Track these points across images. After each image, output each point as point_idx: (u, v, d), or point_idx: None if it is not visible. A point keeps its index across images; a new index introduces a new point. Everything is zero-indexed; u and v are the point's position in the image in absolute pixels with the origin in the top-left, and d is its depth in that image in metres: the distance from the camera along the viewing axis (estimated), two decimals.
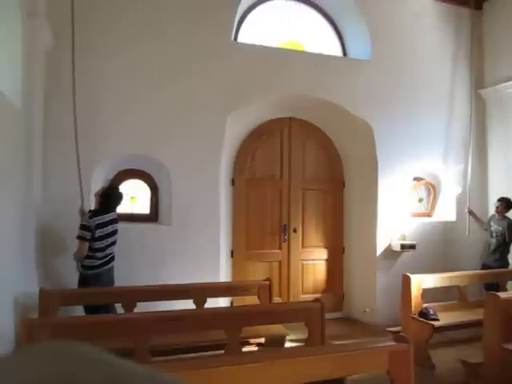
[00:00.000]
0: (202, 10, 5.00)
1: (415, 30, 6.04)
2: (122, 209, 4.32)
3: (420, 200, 6.32)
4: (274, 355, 2.42)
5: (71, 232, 4.12)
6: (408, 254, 5.70)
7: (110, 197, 4.11)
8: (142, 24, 4.80)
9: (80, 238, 3.91)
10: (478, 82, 6.43)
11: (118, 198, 4.17)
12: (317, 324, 3.24)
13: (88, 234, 3.89)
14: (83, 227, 3.91)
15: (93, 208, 4.27)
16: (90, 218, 3.93)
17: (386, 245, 5.75)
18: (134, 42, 4.76)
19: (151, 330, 2.96)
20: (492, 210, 5.80)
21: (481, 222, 5.83)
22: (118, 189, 4.25)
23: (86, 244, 3.91)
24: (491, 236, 5.44)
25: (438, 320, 4.31)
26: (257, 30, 5.69)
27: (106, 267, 4.06)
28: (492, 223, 5.47)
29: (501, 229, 5.34)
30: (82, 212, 4.11)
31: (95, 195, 4.18)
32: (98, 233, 3.95)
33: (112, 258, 4.14)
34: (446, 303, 4.83)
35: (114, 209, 4.15)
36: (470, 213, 5.89)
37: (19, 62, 3.65)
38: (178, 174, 4.90)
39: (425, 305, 4.49)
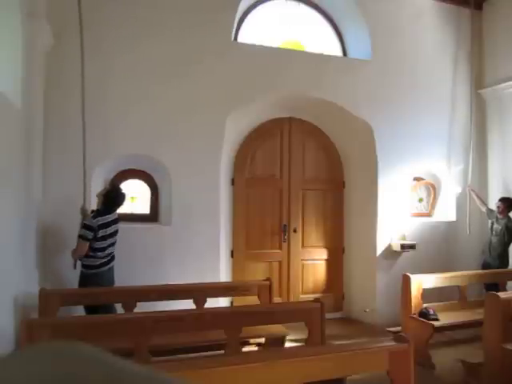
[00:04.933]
0: (203, 11, 5.00)
1: (415, 30, 6.04)
2: (122, 209, 4.31)
3: (420, 200, 6.32)
4: (274, 355, 2.43)
5: (71, 232, 4.13)
6: (408, 254, 5.70)
7: (113, 197, 4.10)
8: (142, 25, 4.79)
9: (81, 237, 3.91)
10: (478, 82, 6.43)
11: (121, 198, 4.17)
12: (317, 324, 3.24)
13: (90, 234, 3.89)
14: (86, 227, 3.90)
15: (95, 208, 4.26)
16: (94, 218, 3.93)
17: (386, 245, 5.74)
18: (133, 42, 4.76)
19: (151, 330, 2.96)
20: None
21: (480, 200, 5.92)
22: (120, 189, 4.25)
23: (87, 244, 3.90)
24: (492, 234, 5.48)
25: (438, 320, 4.31)
26: (257, 30, 5.69)
27: (107, 267, 4.07)
28: (494, 221, 5.49)
29: (500, 227, 5.37)
30: (84, 211, 4.08)
31: (98, 195, 4.17)
32: (101, 233, 3.95)
33: (112, 258, 4.14)
34: (446, 303, 4.83)
35: (116, 209, 4.15)
36: (472, 191, 6.00)
37: (19, 62, 3.64)
38: (178, 174, 4.90)
39: (425, 305, 4.49)
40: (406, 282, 4.51)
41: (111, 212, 4.08)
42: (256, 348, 4.01)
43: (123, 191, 4.22)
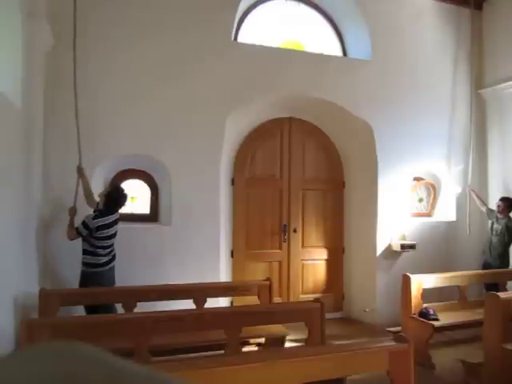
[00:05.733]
0: (203, 10, 5.00)
1: (415, 30, 6.04)
2: (122, 209, 4.31)
3: (420, 200, 6.32)
4: (274, 355, 2.43)
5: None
6: (408, 254, 5.70)
7: (114, 198, 4.10)
8: (142, 24, 4.79)
9: (77, 231, 3.93)
10: (478, 82, 6.43)
11: (123, 198, 4.16)
12: (317, 324, 3.24)
13: (85, 232, 3.90)
14: (84, 224, 3.91)
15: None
16: (94, 218, 3.93)
17: (386, 245, 5.74)
18: (133, 42, 4.75)
19: (151, 330, 2.96)
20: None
21: (480, 200, 5.93)
22: (122, 189, 4.23)
23: (77, 236, 3.95)
24: (492, 234, 5.48)
25: (438, 320, 4.31)
26: (257, 30, 5.69)
27: (108, 267, 4.07)
28: (494, 221, 5.49)
29: (500, 227, 5.37)
30: (73, 211, 4.10)
31: (99, 196, 4.17)
32: (103, 233, 3.95)
33: (114, 257, 4.14)
34: (446, 303, 4.83)
35: (118, 210, 4.15)
36: (472, 191, 6.01)
37: (19, 62, 3.64)
38: (178, 174, 4.90)
39: (425, 305, 4.49)
40: (406, 282, 4.51)
41: (113, 212, 4.08)
42: (256, 348, 4.01)
43: (125, 191, 4.22)
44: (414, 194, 6.24)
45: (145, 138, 4.80)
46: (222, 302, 5.00)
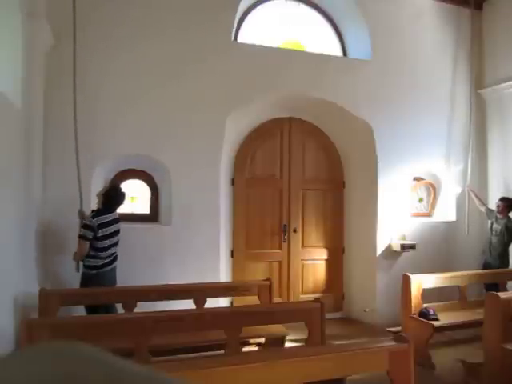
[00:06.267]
0: (203, 10, 5.00)
1: (415, 30, 6.04)
2: (122, 209, 4.31)
3: (420, 200, 6.32)
4: (274, 355, 2.43)
5: (71, 232, 4.13)
6: (408, 254, 5.70)
7: (112, 196, 4.11)
8: (142, 24, 4.79)
9: (82, 237, 3.91)
10: (478, 82, 6.43)
11: (120, 197, 4.17)
12: (317, 324, 3.24)
13: (90, 234, 3.89)
14: (86, 226, 3.91)
15: (95, 208, 4.26)
16: (93, 217, 3.93)
17: (386, 245, 5.74)
18: (134, 42, 4.76)
19: (151, 330, 2.96)
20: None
21: (479, 200, 5.92)
22: (120, 188, 4.25)
23: (87, 243, 3.90)
24: (492, 234, 5.48)
25: (438, 320, 4.31)
26: (257, 30, 5.69)
27: (109, 267, 4.06)
28: (494, 221, 5.49)
29: (500, 227, 5.37)
30: (81, 213, 4.10)
31: (97, 195, 4.18)
32: (101, 232, 3.94)
33: (115, 258, 4.14)
34: (446, 303, 4.83)
35: (116, 208, 4.16)
36: (471, 191, 6.01)
37: (19, 62, 3.65)
38: (178, 174, 4.90)
39: (425, 305, 4.49)
40: (406, 282, 4.51)
41: (111, 211, 4.08)
42: (256, 348, 4.01)
43: (123, 190, 4.23)
44: (414, 193, 6.24)
45: (145, 137, 4.80)
46: (222, 301, 5.00)
